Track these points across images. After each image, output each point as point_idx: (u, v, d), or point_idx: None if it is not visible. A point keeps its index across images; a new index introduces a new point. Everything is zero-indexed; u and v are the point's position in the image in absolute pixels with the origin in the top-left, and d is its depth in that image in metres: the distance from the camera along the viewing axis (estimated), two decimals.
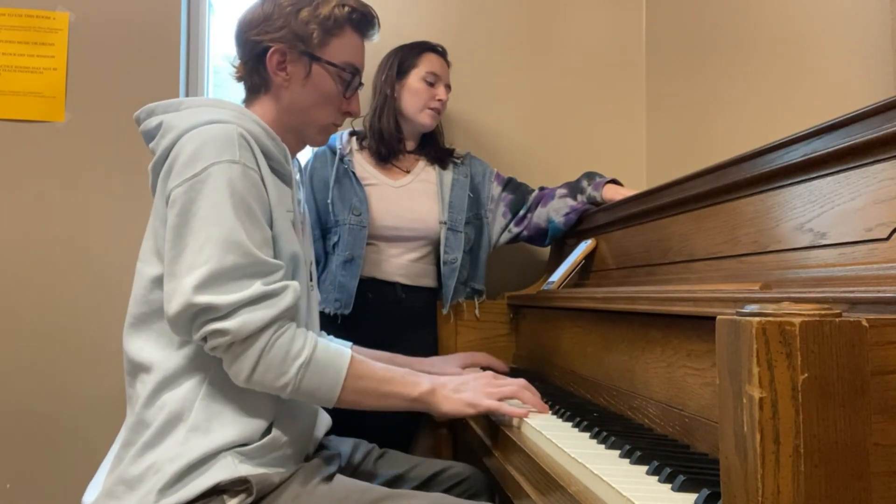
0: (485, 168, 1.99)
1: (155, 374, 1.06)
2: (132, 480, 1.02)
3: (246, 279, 1.01)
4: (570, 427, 1.09)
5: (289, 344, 1.03)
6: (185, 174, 1.03)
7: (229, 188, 1.02)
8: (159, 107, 1.15)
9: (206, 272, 0.99)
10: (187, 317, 1.00)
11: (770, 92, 1.64)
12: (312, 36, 1.19)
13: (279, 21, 1.18)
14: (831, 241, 0.91)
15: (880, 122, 0.84)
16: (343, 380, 1.05)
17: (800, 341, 0.53)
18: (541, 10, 2.28)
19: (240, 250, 1.01)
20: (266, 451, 1.06)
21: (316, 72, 1.20)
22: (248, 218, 1.03)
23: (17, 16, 2.00)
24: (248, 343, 1.00)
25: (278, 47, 1.18)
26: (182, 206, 1.02)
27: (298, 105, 1.21)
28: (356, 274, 1.76)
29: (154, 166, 1.12)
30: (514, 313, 1.96)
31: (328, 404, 1.08)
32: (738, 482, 0.55)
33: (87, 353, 1.97)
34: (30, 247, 1.97)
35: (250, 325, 0.99)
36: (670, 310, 1.00)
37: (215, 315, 0.99)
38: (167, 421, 1.03)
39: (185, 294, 0.98)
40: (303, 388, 1.03)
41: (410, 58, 1.88)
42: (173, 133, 1.08)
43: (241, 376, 1.02)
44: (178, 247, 1.01)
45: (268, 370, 1.01)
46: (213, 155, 1.03)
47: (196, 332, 1.01)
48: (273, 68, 1.19)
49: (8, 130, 1.98)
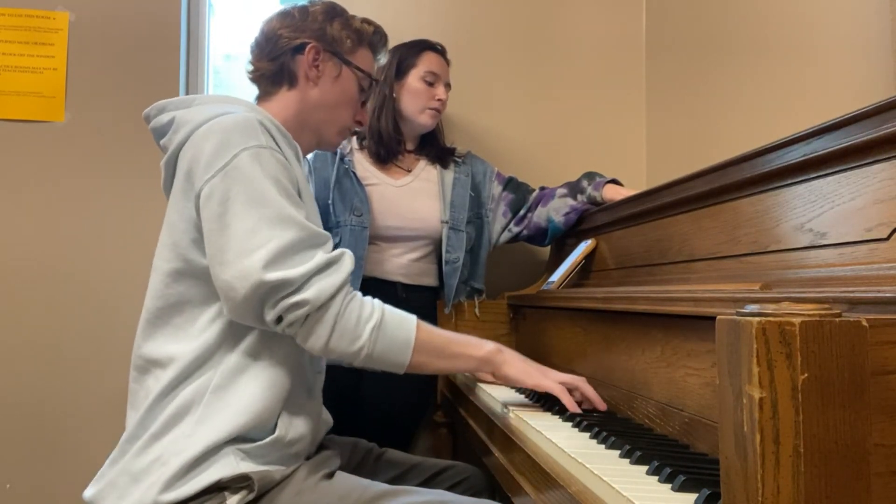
0: (485, 167, 1.99)
1: (171, 369, 1.07)
2: (137, 473, 1.03)
3: (309, 250, 1.04)
4: (570, 427, 1.09)
5: (360, 308, 1.06)
6: (216, 166, 1.04)
7: (263, 171, 1.05)
8: (171, 103, 1.17)
9: (272, 250, 1.01)
10: (258, 298, 1.01)
11: (770, 92, 1.64)
12: (346, 42, 1.28)
13: (315, 24, 1.27)
14: (831, 241, 0.91)
15: (880, 122, 0.84)
16: (414, 340, 1.08)
17: (800, 341, 0.53)
18: (541, 9, 2.28)
19: (296, 224, 1.04)
20: (269, 450, 1.06)
21: (345, 73, 1.28)
22: (289, 196, 1.07)
23: (17, 16, 2.00)
24: (324, 310, 1.03)
25: (316, 45, 1.25)
26: (221, 195, 1.03)
27: (325, 102, 1.27)
28: (358, 275, 1.75)
29: (167, 161, 1.14)
30: (514, 313, 1.96)
31: (400, 368, 1.10)
32: (738, 482, 0.55)
33: (87, 354, 1.97)
34: (30, 247, 1.97)
35: (326, 292, 1.02)
36: (670, 310, 1.00)
37: (290, 289, 1.01)
38: (176, 413, 1.05)
39: (254, 274, 1.00)
40: (377, 350, 1.06)
41: (409, 57, 1.88)
42: (187, 128, 1.10)
43: (319, 344, 1.04)
44: (224, 235, 1.03)
45: (342, 335, 1.04)
46: (239, 142, 1.05)
47: (270, 312, 1.02)
48: (309, 63, 1.25)
49: (8, 130, 1.98)
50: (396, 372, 1.10)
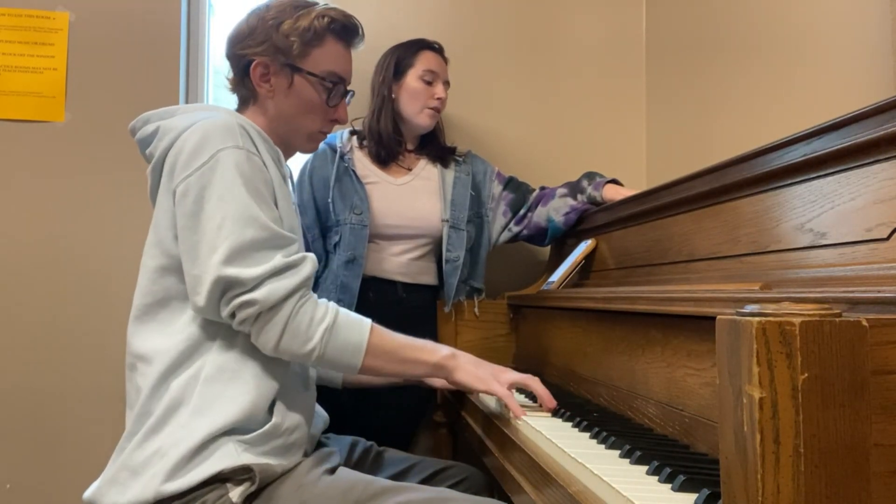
0: (486, 167, 1.99)
1: (157, 364, 1.08)
2: (137, 466, 1.04)
3: (267, 251, 1.06)
4: (570, 427, 1.09)
5: (312, 311, 1.07)
6: (193, 164, 1.07)
7: (238, 170, 1.07)
8: (154, 115, 1.19)
9: (228, 247, 1.03)
10: (218, 292, 1.04)
11: (770, 92, 1.64)
12: (293, 48, 1.22)
13: (261, 35, 1.23)
14: (831, 241, 0.91)
15: (880, 122, 0.84)
16: (366, 343, 1.09)
17: (800, 341, 0.53)
18: (541, 9, 2.28)
19: (257, 224, 1.06)
20: (267, 439, 1.07)
21: (298, 82, 1.24)
22: (258, 197, 1.08)
23: (17, 16, 1.99)
24: (274, 311, 1.04)
25: (261, 60, 1.23)
26: (196, 193, 1.06)
27: (283, 115, 1.25)
28: (359, 274, 1.75)
29: (153, 168, 1.16)
30: (514, 313, 1.96)
31: (352, 370, 1.11)
32: (738, 482, 0.55)
33: (86, 353, 1.97)
34: (29, 246, 1.97)
35: (276, 294, 1.04)
36: (670, 310, 1.00)
37: (242, 288, 1.03)
38: (170, 406, 1.06)
39: (213, 270, 1.03)
40: (328, 352, 1.07)
41: (407, 57, 1.87)
42: (171, 135, 1.12)
43: (270, 345, 1.06)
44: (197, 232, 1.06)
45: (294, 337, 1.05)
46: (217, 142, 1.08)
47: (225, 308, 1.05)
48: (257, 80, 1.24)
49: (8, 130, 1.98)
50: (349, 374, 1.11)
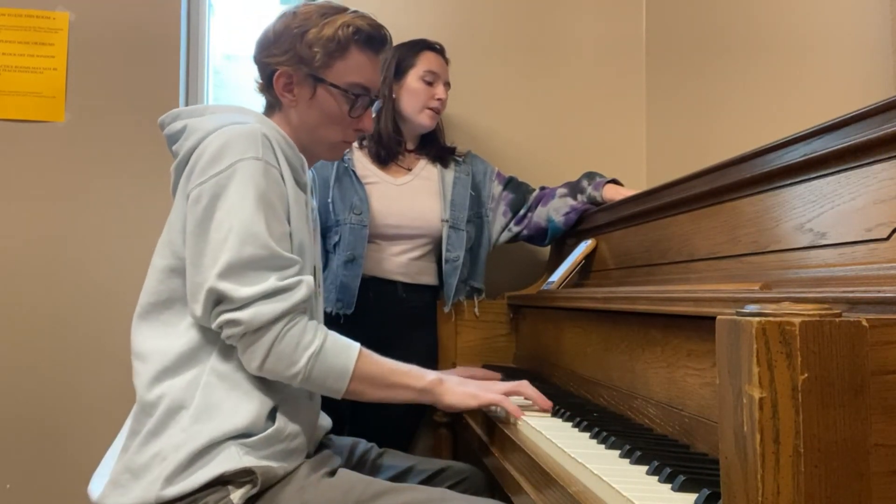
0: (486, 167, 1.99)
1: (152, 363, 1.09)
2: (138, 469, 1.04)
3: (263, 271, 1.05)
4: (570, 427, 1.09)
5: (300, 335, 1.07)
6: (210, 171, 1.07)
7: (253, 183, 1.07)
8: (184, 111, 1.19)
9: (226, 260, 1.03)
10: (210, 304, 1.05)
11: (770, 92, 1.64)
12: (315, 58, 1.20)
13: (286, 44, 1.21)
14: (831, 241, 0.91)
15: (880, 122, 0.84)
16: (352, 369, 1.09)
17: (800, 341, 0.53)
18: (541, 9, 2.28)
19: (257, 242, 1.05)
20: (270, 443, 1.07)
21: (320, 93, 1.22)
22: (269, 212, 1.08)
23: (17, 16, 2.00)
24: (260, 334, 1.04)
25: (284, 70, 1.21)
26: (208, 201, 1.06)
27: (306, 124, 1.24)
28: (358, 273, 1.75)
29: (177, 167, 1.16)
30: (514, 313, 1.96)
31: (337, 394, 1.11)
32: (738, 482, 0.55)
33: (87, 353, 1.97)
34: (29, 246, 1.97)
35: (261, 318, 1.03)
36: (670, 310, 1.00)
37: (230, 306, 1.04)
38: (169, 409, 1.06)
39: (209, 281, 1.03)
40: (313, 376, 1.07)
41: (408, 57, 1.87)
42: (197, 135, 1.13)
43: (253, 365, 1.06)
44: (203, 240, 1.06)
45: (279, 360, 1.05)
46: (238, 152, 1.08)
47: (214, 321, 1.05)
48: (280, 89, 1.23)
49: (8, 130, 1.98)
50: (334, 397, 1.11)
